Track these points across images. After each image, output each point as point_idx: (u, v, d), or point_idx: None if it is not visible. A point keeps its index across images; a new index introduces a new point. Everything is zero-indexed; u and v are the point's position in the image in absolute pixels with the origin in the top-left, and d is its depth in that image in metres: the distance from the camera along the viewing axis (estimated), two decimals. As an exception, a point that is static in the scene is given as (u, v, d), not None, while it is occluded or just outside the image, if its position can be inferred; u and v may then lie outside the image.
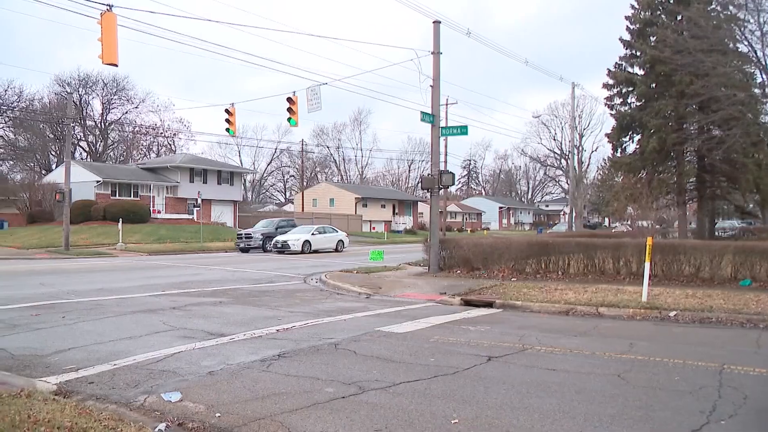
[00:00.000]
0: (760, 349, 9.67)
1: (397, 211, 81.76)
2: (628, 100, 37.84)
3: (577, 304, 13.81)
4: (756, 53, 30.43)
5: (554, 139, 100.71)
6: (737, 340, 10.40)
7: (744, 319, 11.98)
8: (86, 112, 78.94)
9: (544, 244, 21.41)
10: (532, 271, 20.32)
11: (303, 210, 72.49)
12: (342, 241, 41.01)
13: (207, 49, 33.97)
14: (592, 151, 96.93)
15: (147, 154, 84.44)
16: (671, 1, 35.85)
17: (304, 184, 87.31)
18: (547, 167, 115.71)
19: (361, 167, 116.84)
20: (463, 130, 23.24)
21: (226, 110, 24.40)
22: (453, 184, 24.67)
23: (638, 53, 36.42)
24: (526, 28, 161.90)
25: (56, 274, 22.21)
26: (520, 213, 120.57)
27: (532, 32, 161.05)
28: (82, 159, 72.25)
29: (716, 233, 40.27)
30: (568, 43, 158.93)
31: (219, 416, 6.14)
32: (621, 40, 37.29)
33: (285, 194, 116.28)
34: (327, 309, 13.88)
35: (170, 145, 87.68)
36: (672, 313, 12.57)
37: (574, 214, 57.00)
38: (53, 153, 77.17)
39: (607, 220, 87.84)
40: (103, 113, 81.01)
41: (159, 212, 57.53)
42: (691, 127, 34.71)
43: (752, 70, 32.94)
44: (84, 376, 7.70)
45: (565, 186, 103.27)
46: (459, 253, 22.09)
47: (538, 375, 7.79)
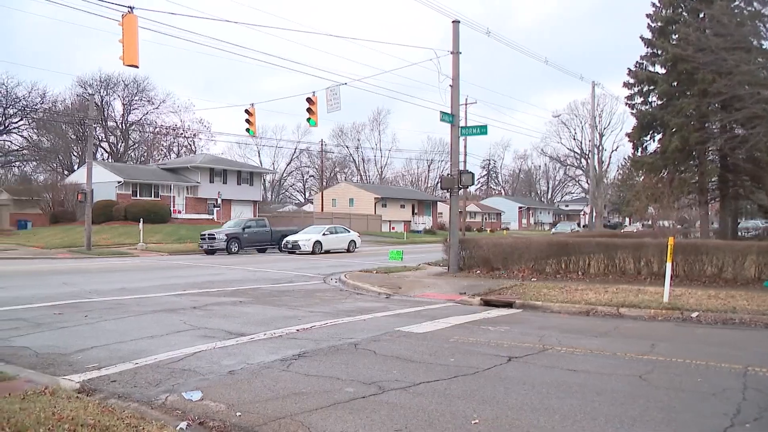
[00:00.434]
0: (785, 350, 9.56)
1: (416, 211, 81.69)
2: (649, 99, 37.61)
3: (598, 304, 13.72)
4: (781, 50, 30.07)
5: (574, 139, 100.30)
6: (762, 342, 10.29)
7: (768, 320, 11.86)
8: (107, 113, 79.64)
9: (564, 244, 21.31)
10: (552, 271, 20.23)
11: (322, 210, 72.61)
12: (354, 241, 40.56)
13: (227, 50, 34.26)
14: (613, 151, 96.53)
15: (167, 155, 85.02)
16: (694, -1, 35.54)
17: (324, 184, 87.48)
18: (567, 167, 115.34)
19: (381, 167, 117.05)
20: (482, 130, 23.16)
21: (246, 110, 24.50)
22: (472, 184, 24.60)
23: (659, 52, 36.16)
24: (547, 28, 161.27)
25: (78, 274, 22.41)
26: (540, 213, 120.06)
27: (552, 31, 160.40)
28: (103, 160, 72.86)
29: (739, 233, 39.90)
30: (589, 42, 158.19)
31: (240, 415, 6.16)
32: (642, 38, 37.05)
33: (304, 194, 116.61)
34: (347, 309, 13.90)
35: (190, 146, 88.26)
36: (694, 314, 12.45)
37: (595, 214, 56.64)
38: (75, 154, 77.92)
39: (627, 219, 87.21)
40: (124, 114, 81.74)
41: (179, 212, 57.87)
42: (714, 126, 34.39)
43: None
44: (106, 374, 7.76)
45: (586, 186, 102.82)
46: (479, 253, 22.03)
47: (558, 376, 7.75)
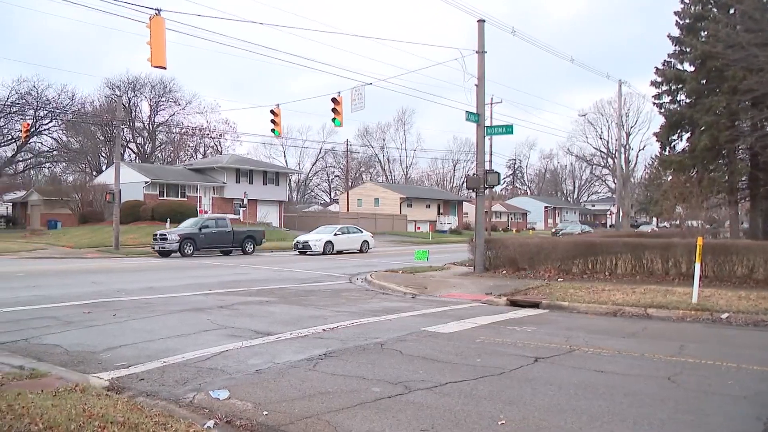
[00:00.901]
0: (818, 352, 9.40)
1: (441, 211, 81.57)
2: (677, 98, 37.19)
3: (625, 305, 13.60)
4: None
5: (600, 138, 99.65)
6: (793, 344, 10.14)
7: (800, 322, 11.68)
8: (135, 115, 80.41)
9: (590, 244, 21.16)
10: (579, 271, 20.09)
11: (348, 210, 72.75)
12: (367, 241, 39.81)
13: (252, 51, 34.59)
14: (640, 150, 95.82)
15: (194, 155, 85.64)
16: (724, -6, 35.04)
17: (349, 184, 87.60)
18: (594, 166, 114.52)
19: (406, 167, 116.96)
20: (508, 130, 23.09)
21: (272, 111, 24.60)
22: (498, 184, 24.52)
23: (688, 49, 35.72)
24: (573, 26, 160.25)
25: (107, 273, 22.68)
26: (566, 213, 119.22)
27: (578, 30, 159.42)
28: (131, 160, 73.61)
29: (770, 233, 39.28)
30: (615, 41, 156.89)
31: (266, 414, 6.19)
32: (669, 36, 36.65)
33: (330, 194, 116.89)
34: (373, 309, 13.91)
35: (216, 146, 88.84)
36: (724, 315, 12.29)
37: (621, 214, 56.17)
38: (103, 155, 78.78)
39: (655, 219, 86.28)
40: (151, 115, 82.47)
41: (206, 212, 58.16)
42: (744, 124, 33.86)
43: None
44: (134, 372, 7.84)
45: (612, 185, 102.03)
46: (505, 253, 21.94)
47: (586, 377, 7.70)
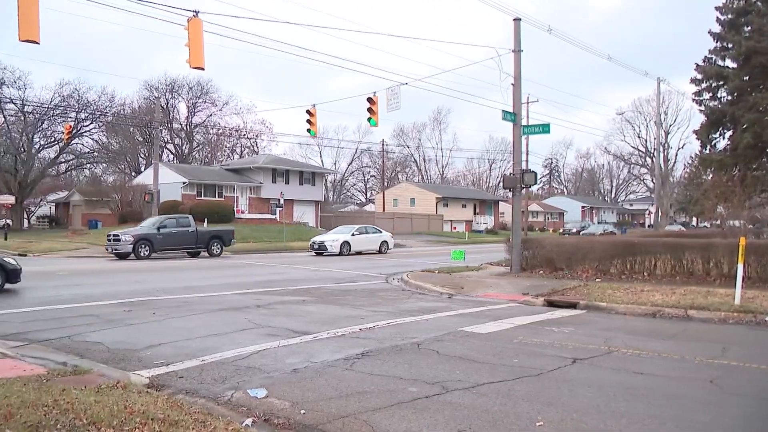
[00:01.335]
0: None
1: (477, 210, 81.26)
2: (719, 95, 36.52)
3: (665, 306, 13.40)
4: None
5: (638, 137, 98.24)
6: (841, 346, 9.91)
7: None
8: (173, 116, 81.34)
9: (629, 244, 20.90)
10: (617, 271, 19.84)
11: (384, 210, 72.81)
12: (386, 242, 38.78)
13: (289, 52, 34.79)
14: (679, 149, 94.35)
15: (230, 156, 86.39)
16: (769, -12, 34.31)
17: (385, 184, 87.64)
18: (631, 165, 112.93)
19: (442, 167, 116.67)
20: (545, 129, 22.91)
21: (308, 111, 24.74)
22: (535, 184, 24.36)
23: (730, 45, 35.06)
24: (610, 23, 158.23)
25: (146, 272, 22.99)
26: (604, 212, 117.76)
27: (615, 27, 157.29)
28: (169, 161, 74.56)
29: (815, 233, 38.39)
30: (654, 38, 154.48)
31: (304, 413, 6.23)
32: (710, 32, 36.00)
33: (366, 194, 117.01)
34: (409, 308, 13.92)
35: (253, 147, 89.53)
36: (768, 317, 12.06)
37: (660, 213, 55.35)
38: (142, 155, 79.94)
39: (695, 219, 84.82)
40: (188, 116, 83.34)
41: (242, 212, 58.80)
42: (789, 121, 33.16)
43: None
44: (174, 370, 7.96)
45: (651, 185, 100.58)
46: (541, 253, 21.78)
47: (625, 378, 7.61)
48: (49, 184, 72.49)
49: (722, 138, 37.03)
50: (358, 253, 36.31)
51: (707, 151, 37.96)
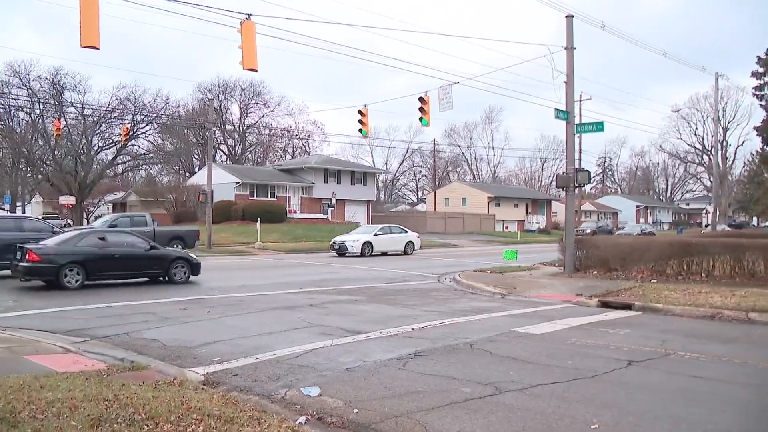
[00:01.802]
0: None
1: (530, 210, 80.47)
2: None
3: (724, 308, 13.05)
4: None
5: (695, 134, 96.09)
6: None
7: None
8: (226, 117, 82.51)
9: (686, 244, 20.42)
10: (674, 272, 19.41)
11: (435, 209, 72.67)
12: (412, 242, 36.44)
13: (340, 53, 34.98)
14: (738, 146, 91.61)
15: (283, 156, 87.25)
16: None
17: (436, 183, 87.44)
18: (688, 164, 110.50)
19: (493, 166, 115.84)
20: (598, 127, 22.59)
21: (359, 111, 24.81)
22: (589, 183, 24.05)
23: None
24: (665, 18, 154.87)
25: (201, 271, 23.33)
26: (659, 212, 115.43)
27: (671, 22, 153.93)
28: (222, 162, 75.62)
29: None
30: (712, 32, 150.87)
31: (357, 412, 6.27)
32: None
33: (417, 194, 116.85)
34: (461, 308, 13.88)
35: (305, 147, 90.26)
36: (833, 320, 11.67)
37: (718, 213, 54.02)
38: (196, 156, 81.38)
39: (755, 219, 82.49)
40: (241, 117, 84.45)
41: (295, 212, 59.31)
42: None
43: None
44: (228, 368, 8.09)
45: (708, 183, 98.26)
46: (595, 253, 21.46)
47: (683, 382, 7.46)
48: (107, 184, 74.39)
49: (785, 134, 36.04)
50: (385, 254, 34.43)
51: (768, 149, 36.97)
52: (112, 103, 64.53)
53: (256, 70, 16.44)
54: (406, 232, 37.85)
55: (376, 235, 34.84)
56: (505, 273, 21.44)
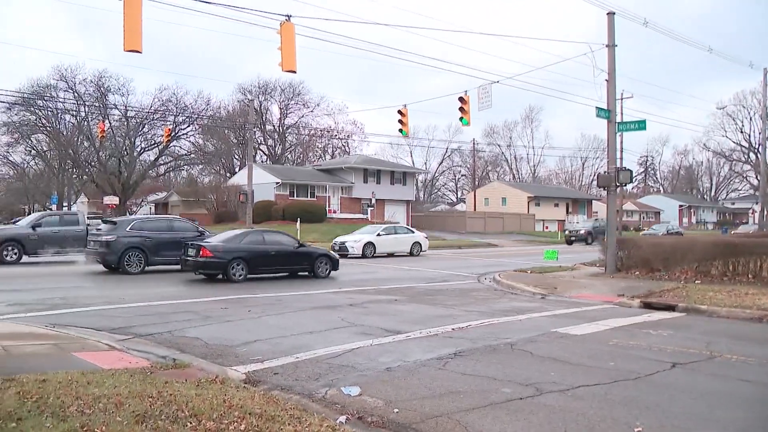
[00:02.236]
0: None
1: (570, 210, 79.72)
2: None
3: (773, 310, 12.77)
4: None
5: (741, 132, 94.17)
6: None
7: None
8: (266, 118, 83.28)
9: (732, 244, 20.00)
10: (718, 273, 19.02)
11: (475, 209, 72.46)
12: (418, 243, 34.39)
13: (379, 53, 35.00)
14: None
15: (322, 156, 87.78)
16: None
17: (476, 183, 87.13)
18: (733, 162, 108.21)
19: (533, 165, 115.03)
20: (640, 125, 22.26)
21: (399, 111, 24.83)
22: (630, 182, 23.71)
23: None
24: (710, 13, 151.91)
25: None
26: (702, 211, 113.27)
27: (716, 16, 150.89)
28: (262, 162, 76.32)
29: None
30: (759, 26, 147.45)
31: (397, 412, 6.27)
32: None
33: (456, 194, 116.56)
34: (502, 308, 13.80)
35: (344, 147, 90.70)
36: None
37: (765, 213, 52.78)
38: (236, 157, 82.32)
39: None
40: (281, 118, 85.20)
41: (334, 212, 59.55)
42: None
43: None
44: (269, 367, 8.15)
45: (755, 182, 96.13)
46: (637, 254, 21.15)
47: (729, 386, 7.31)
48: (149, 185, 75.72)
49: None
50: (391, 255, 32.75)
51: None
52: (154, 105, 65.80)
53: (294, 72, 16.55)
54: (413, 232, 36.57)
55: (378, 235, 33.12)
56: (545, 273, 21.27)
